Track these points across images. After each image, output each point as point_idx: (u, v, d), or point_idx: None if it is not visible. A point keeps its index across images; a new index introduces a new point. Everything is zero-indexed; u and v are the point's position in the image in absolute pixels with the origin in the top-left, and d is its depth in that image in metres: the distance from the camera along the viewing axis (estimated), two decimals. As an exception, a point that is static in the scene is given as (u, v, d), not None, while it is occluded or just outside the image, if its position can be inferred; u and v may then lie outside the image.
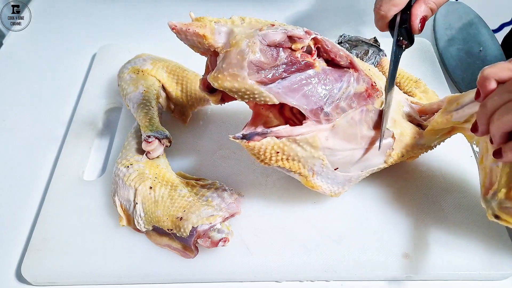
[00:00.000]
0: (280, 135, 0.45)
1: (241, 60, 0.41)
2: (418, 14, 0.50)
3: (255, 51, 0.41)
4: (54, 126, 0.67)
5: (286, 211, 0.54)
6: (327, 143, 0.46)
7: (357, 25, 0.84)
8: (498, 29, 0.81)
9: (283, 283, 0.50)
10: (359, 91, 0.47)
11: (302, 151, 0.46)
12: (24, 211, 0.57)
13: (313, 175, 0.48)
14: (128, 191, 0.51)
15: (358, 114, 0.47)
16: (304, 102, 0.44)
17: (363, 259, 0.50)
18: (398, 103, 0.51)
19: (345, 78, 0.46)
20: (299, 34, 0.43)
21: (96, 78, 0.72)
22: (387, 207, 0.54)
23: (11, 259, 0.53)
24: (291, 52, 0.43)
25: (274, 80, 0.43)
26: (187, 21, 0.44)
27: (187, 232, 0.47)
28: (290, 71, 0.43)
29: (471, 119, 0.46)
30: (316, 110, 0.44)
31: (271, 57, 0.42)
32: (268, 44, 0.42)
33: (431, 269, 0.49)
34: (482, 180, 0.44)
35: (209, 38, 0.42)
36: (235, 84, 0.42)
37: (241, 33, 0.42)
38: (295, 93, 0.43)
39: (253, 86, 0.42)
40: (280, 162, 0.46)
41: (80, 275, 0.50)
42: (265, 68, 0.42)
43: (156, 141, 0.55)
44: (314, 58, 0.44)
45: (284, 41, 0.42)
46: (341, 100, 0.45)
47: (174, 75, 0.63)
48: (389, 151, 0.50)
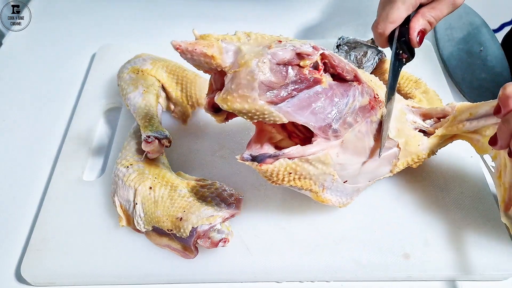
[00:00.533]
0: (292, 156, 0.44)
1: (251, 81, 0.40)
2: (416, 27, 0.51)
3: (265, 71, 0.40)
4: (54, 126, 0.67)
5: (286, 211, 0.54)
6: (338, 159, 0.46)
7: (357, 25, 0.84)
8: (498, 29, 0.81)
9: (283, 284, 0.50)
10: (364, 104, 0.46)
11: (314, 170, 0.45)
12: (23, 211, 0.57)
13: (323, 190, 0.47)
14: (127, 191, 0.51)
15: (364, 126, 0.46)
16: (313, 120, 0.43)
17: (363, 259, 0.49)
18: (401, 111, 0.51)
19: (351, 93, 0.45)
20: (308, 50, 0.42)
21: (96, 78, 0.72)
22: (387, 207, 0.54)
23: (10, 259, 0.53)
24: (299, 69, 0.42)
25: (284, 99, 0.41)
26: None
27: (187, 233, 0.47)
28: (299, 89, 0.42)
29: (481, 130, 0.46)
30: (324, 127, 0.43)
31: (281, 75, 0.41)
32: (277, 63, 0.41)
33: (431, 270, 0.49)
34: (501, 196, 0.45)
35: (217, 58, 0.41)
36: (245, 105, 0.40)
37: (249, 52, 0.41)
38: (304, 111, 0.42)
39: (264, 107, 0.40)
40: (293, 182, 0.45)
41: (80, 275, 0.50)
42: (275, 87, 0.41)
43: (156, 141, 0.54)
44: (321, 74, 0.43)
45: (293, 58, 0.41)
46: (348, 115, 0.45)
47: (174, 75, 0.63)
48: (394, 160, 0.49)
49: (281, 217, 0.53)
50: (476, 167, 0.57)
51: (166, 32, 0.84)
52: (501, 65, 0.70)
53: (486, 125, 0.46)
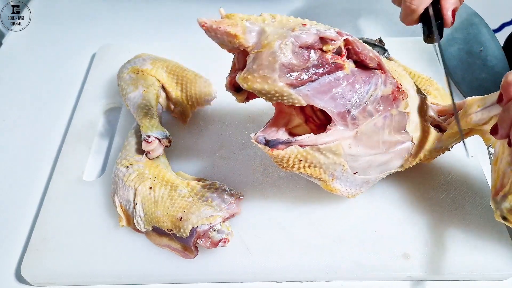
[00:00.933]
0: (304, 144, 0.44)
1: (272, 62, 0.40)
2: (449, 6, 0.51)
3: (287, 53, 0.40)
4: (54, 126, 0.67)
5: (286, 211, 0.54)
6: (350, 151, 0.46)
7: (357, 25, 0.84)
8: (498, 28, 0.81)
9: (283, 284, 0.50)
10: (386, 94, 0.45)
11: (324, 159, 0.45)
12: (23, 211, 0.57)
13: (333, 180, 0.48)
14: (127, 191, 0.51)
15: (381, 120, 0.46)
16: (332, 105, 0.43)
17: (363, 259, 0.49)
18: (420, 104, 0.50)
19: (373, 81, 0.45)
20: (332, 35, 0.41)
21: (96, 78, 0.72)
22: (387, 207, 0.54)
23: (10, 259, 0.53)
24: (321, 53, 0.42)
25: (304, 83, 0.42)
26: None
27: (187, 233, 0.47)
28: (320, 73, 0.42)
29: (490, 121, 0.46)
30: (343, 113, 0.43)
31: (303, 59, 0.41)
32: (300, 46, 0.41)
33: (431, 270, 0.49)
34: (493, 181, 0.45)
35: (240, 38, 0.41)
36: (265, 86, 0.41)
37: (273, 33, 0.41)
38: (323, 95, 0.42)
39: (283, 88, 0.41)
40: (302, 169, 0.46)
41: (80, 275, 0.50)
42: (296, 70, 0.41)
43: (156, 141, 0.55)
44: (343, 60, 0.43)
45: (317, 42, 0.41)
46: (369, 103, 0.44)
47: (174, 75, 0.63)
48: (407, 155, 0.49)
49: (281, 217, 0.53)
50: (476, 167, 0.57)
51: (166, 32, 0.84)
52: (501, 65, 0.70)
53: (492, 116, 0.45)
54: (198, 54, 0.73)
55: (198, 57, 0.72)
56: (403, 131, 0.48)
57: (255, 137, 0.45)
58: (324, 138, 0.44)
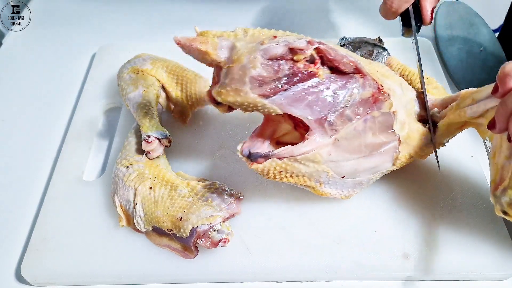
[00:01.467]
0: (281, 157, 0.45)
1: (243, 76, 0.42)
2: (428, 6, 0.53)
3: (256, 66, 0.41)
4: (54, 126, 0.67)
5: (286, 211, 0.54)
6: (330, 157, 0.46)
7: (357, 25, 0.84)
8: (498, 28, 0.81)
9: (283, 284, 0.50)
10: (365, 97, 0.46)
11: (305, 168, 0.46)
12: (23, 211, 0.57)
13: (320, 185, 0.48)
14: (127, 191, 0.51)
15: (362, 123, 0.46)
16: (308, 112, 0.44)
17: (363, 259, 0.49)
18: (410, 102, 0.50)
19: (350, 85, 0.45)
20: (301, 45, 0.42)
21: (96, 78, 0.72)
22: (387, 207, 0.54)
23: (10, 259, 0.53)
24: (293, 63, 0.43)
25: (276, 92, 0.43)
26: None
27: (187, 233, 0.47)
28: (293, 82, 0.43)
29: (485, 114, 0.45)
30: (320, 119, 0.44)
31: (273, 70, 0.42)
32: (269, 58, 0.42)
33: (431, 270, 0.49)
34: (492, 176, 0.44)
35: (211, 54, 0.43)
36: (238, 98, 0.42)
37: (243, 48, 0.43)
38: (299, 103, 0.43)
39: (256, 99, 0.42)
40: (285, 179, 0.47)
41: (80, 275, 0.50)
42: (267, 81, 0.42)
43: (156, 141, 0.55)
44: (317, 67, 0.44)
45: (286, 53, 0.42)
46: (347, 108, 0.45)
47: (174, 75, 0.63)
48: (395, 154, 0.49)
49: (281, 217, 0.53)
50: (476, 167, 0.57)
51: (166, 32, 0.83)
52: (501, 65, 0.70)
53: (486, 109, 0.45)
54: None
55: (198, 57, 0.72)
56: (389, 131, 0.47)
57: (240, 149, 0.46)
58: (301, 149, 0.45)
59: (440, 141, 0.51)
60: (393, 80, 0.50)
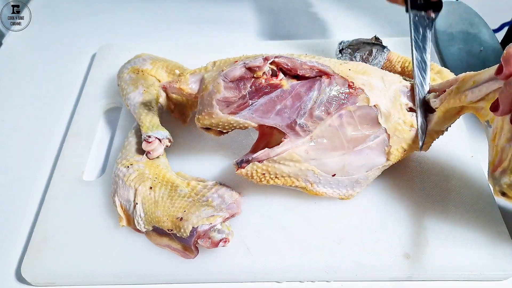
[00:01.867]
0: (260, 159, 0.48)
1: (210, 100, 0.48)
2: None
3: (220, 90, 0.48)
4: (54, 126, 0.67)
5: (286, 211, 0.54)
6: (310, 156, 0.48)
7: (356, 25, 0.84)
8: (498, 28, 0.81)
9: (283, 284, 0.50)
10: (334, 95, 0.48)
11: (287, 168, 0.49)
12: (24, 211, 0.57)
13: (312, 185, 0.50)
14: (128, 191, 0.51)
15: (337, 119, 0.48)
16: (279, 119, 0.48)
17: (364, 259, 0.49)
18: (395, 93, 0.50)
19: (316, 87, 0.48)
20: (256, 63, 0.48)
21: (96, 78, 0.72)
22: (388, 207, 0.54)
23: (11, 259, 0.53)
24: (255, 80, 0.48)
25: (244, 108, 0.48)
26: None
27: (187, 233, 0.47)
28: (258, 96, 0.48)
29: (486, 97, 0.44)
30: (290, 124, 0.48)
31: (237, 90, 0.48)
32: (231, 80, 0.48)
33: (432, 270, 0.49)
34: (491, 157, 0.43)
35: (185, 89, 0.51)
36: (212, 120, 0.49)
37: (209, 78, 0.50)
38: (268, 113, 0.48)
39: (227, 118, 0.48)
40: (272, 181, 0.50)
41: (80, 275, 0.50)
42: (233, 100, 0.48)
43: (156, 141, 0.55)
44: (280, 79, 0.49)
45: (245, 73, 0.48)
46: (314, 109, 0.48)
47: (174, 75, 0.63)
48: (387, 148, 0.49)
49: (281, 217, 0.53)
50: (476, 167, 0.57)
51: (166, 32, 0.84)
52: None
53: (488, 92, 0.43)
54: (198, 54, 0.73)
55: (198, 57, 0.72)
56: (373, 124, 0.48)
57: (234, 162, 0.50)
58: (276, 150, 0.48)
59: (439, 128, 0.50)
60: (371, 75, 0.50)
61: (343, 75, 0.49)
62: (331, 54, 0.73)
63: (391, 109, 0.49)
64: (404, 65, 0.61)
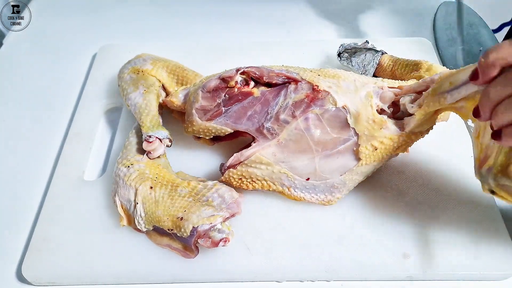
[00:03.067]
0: (232, 165, 0.52)
1: (191, 110, 0.54)
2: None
3: (198, 100, 0.53)
4: (55, 126, 0.67)
5: (287, 211, 0.54)
6: (277, 158, 0.51)
7: (356, 25, 0.84)
8: (498, 29, 0.81)
9: (283, 283, 0.50)
10: (299, 99, 0.50)
11: (259, 171, 0.51)
12: (24, 211, 0.57)
13: (289, 189, 0.52)
14: (128, 191, 0.52)
15: (303, 123, 0.50)
16: (250, 124, 0.52)
17: (364, 259, 0.50)
18: (368, 95, 0.50)
19: (282, 92, 0.51)
20: (228, 74, 0.53)
21: (97, 78, 0.72)
22: (387, 207, 0.54)
23: (11, 259, 0.53)
24: (229, 89, 0.53)
25: (218, 115, 0.52)
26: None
27: (188, 232, 0.47)
28: (230, 103, 0.52)
29: (466, 97, 0.43)
30: (258, 128, 0.51)
31: (212, 99, 0.53)
32: (208, 91, 0.53)
33: (432, 269, 0.49)
34: (476, 154, 0.43)
35: (175, 102, 0.57)
36: (194, 127, 0.54)
37: (192, 91, 0.56)
38: (241, 119, 0.52)
39: (206, 124, 0.53)
40: (250, 186, 0.53)
41: (81, 275, 0.50)
42: (209, 109, 0.53)
43: (157, 141, 0.55)
44: (252, 87, 0.53)
45: (220, 83, 0.53)
46: (280, 112, 0.50)
47: (174, 75, 0.63)
48: (355, 148, 0.50)
49: (281, 217, 0.53)
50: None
51: (166, 33, 0.84)
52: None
53: (467, 95, 0.42)
54: (198, 54, 0.74)
55: (198, 57, 0.73)
56: (342, 126, 0.49)
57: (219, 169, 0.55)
58: (245, 154, 0.52)
59: (418, 130, 0.49)
60: (341, 78, 0.51)
61: (309, 80, 0.51)
62: (331, 54, 0.73)
63: (360, 110, 0.49)
64: (394, 68, 0.62)
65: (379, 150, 0.50)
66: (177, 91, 0.58)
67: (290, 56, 0.73)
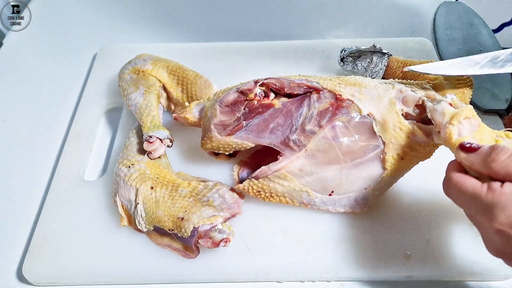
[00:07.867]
0: (258, 176, 0.50)
1: (209, 125, 0.51)
2: None
3: (216, 115, 0.51)
4: (55, 126, 0.67)
5: (287, 211, 0.54)
6: (304, 172, 0.49)
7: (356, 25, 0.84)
8: (498, 29, 0.81)
9: (284, 283, 0.50)
10: (324, 109, 0.49)
11: (280, 187, 0.50)
12: (25, 211, 0.57)
13: (306, 206, 0.51)
14: (129, 191, 0.52)
15: (330, 131, 0.48)
16: (273, 138, 0.49)
17: (364, 259, 0.50)
18: (391, 101, 0.49)
19: (305, 103, 0.50)
20: (247, 87, 0.51)
21: (97, 78, 0.72)
22: (388, 207, 0.54)
23: (12, 259, 0.53)
24: (248, 102, 0.51)
25: (239, 129, 0.50)
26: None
27: (188, 233, 0.48)
28: (251, 117, 0.50)
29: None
30: (284, 141, 0.49)
31: (231, 113, 0.51)
32: (226, 105, 0.51)
33: (432, 269, 0.49)
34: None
35: (189, 118, 0.54)
36: (213, 144, 0.51)
37: (208, 106, 0.53)
38: (263, 133, 0.49)
39: (226, 140, 0.50)
40: (268, 199, 0.52)
41: (81, 275, 0.50)
42: (229, 123, 0.51)
43: (158, 141, 0.55)
44: (272, 99, 0.51)
45: (238, 96, 0.51)
46: (306, 123, 0.48)
47: (174, 75, 0.63)
48: (382, 156, 0.48)
49: (282, 217, 0.53)
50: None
51: (166, 33, 0.84)
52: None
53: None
54: (198, 54, 0.73)
55: (198, 57, 0.73)
56: (370, 134, 0.48)
57: (236, 175, 0.55)
58: (272, 168, 0.50)
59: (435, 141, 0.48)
60: (362, 85, 0.50)
61: (331, 89, 0.50)
62: (331, 54, 0.73)
63: (386, 117, 0.48)
64: (404, 69, 0.60)
65: (405, 160, 0.49)
66: (190, 107, 0.55)
67: (290, 57, 0.73)
